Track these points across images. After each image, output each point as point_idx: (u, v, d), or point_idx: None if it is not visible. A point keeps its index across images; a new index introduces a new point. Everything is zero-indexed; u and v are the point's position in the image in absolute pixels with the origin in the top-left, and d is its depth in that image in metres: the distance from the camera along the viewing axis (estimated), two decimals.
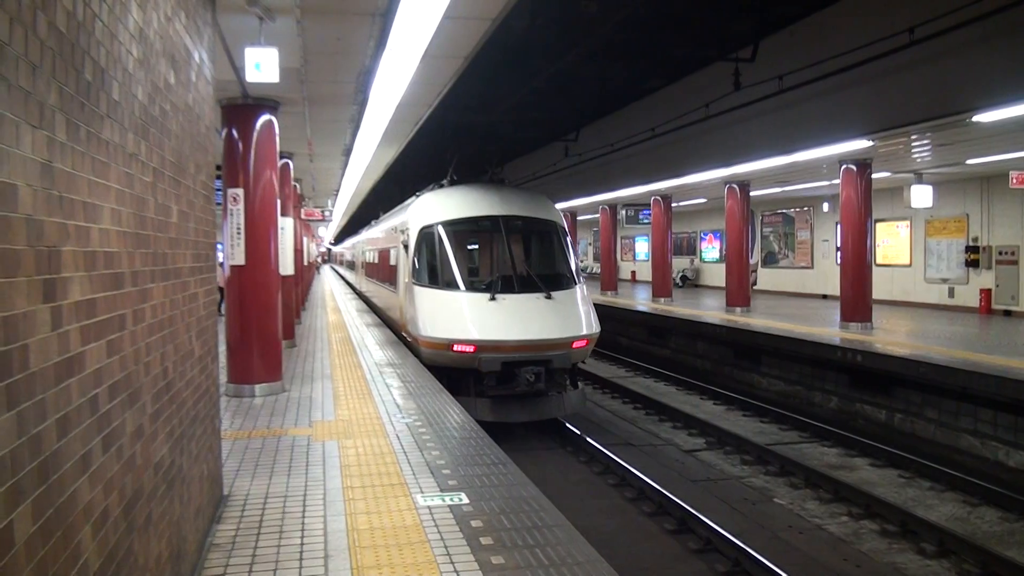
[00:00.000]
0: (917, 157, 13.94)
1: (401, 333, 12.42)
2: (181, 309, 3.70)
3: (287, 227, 11.50)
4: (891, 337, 13.11)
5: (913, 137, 11.71)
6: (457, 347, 9.92)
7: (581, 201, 23.99)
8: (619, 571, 3.93)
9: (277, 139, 8.79)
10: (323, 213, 22.35)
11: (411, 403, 8.13)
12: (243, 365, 8.56)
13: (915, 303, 19.05)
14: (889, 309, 18.15)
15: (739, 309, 18.24)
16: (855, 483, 8.77)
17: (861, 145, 12.13)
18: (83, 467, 2.18)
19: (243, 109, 8.49)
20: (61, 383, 2.05)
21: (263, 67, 5.97)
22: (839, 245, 15.69)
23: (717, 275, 26.82)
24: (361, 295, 26.59)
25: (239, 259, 8.41)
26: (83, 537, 2.15)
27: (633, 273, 34.65)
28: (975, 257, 17.44)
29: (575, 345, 10.11)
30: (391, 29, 5.98)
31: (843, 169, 14.47)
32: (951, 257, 18.23)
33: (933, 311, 17.87)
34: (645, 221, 23.97)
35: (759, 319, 16.41)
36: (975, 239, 17.59)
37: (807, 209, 23.27)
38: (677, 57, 15.10)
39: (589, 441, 10.12)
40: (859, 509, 8.13)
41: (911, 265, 19.35)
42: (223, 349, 8.57)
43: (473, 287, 10.45)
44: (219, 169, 8.30)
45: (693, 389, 14.62)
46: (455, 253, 10.80)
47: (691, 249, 30.34)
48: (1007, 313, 16.75)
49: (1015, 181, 13.97)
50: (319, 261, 70.39)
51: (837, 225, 21.08)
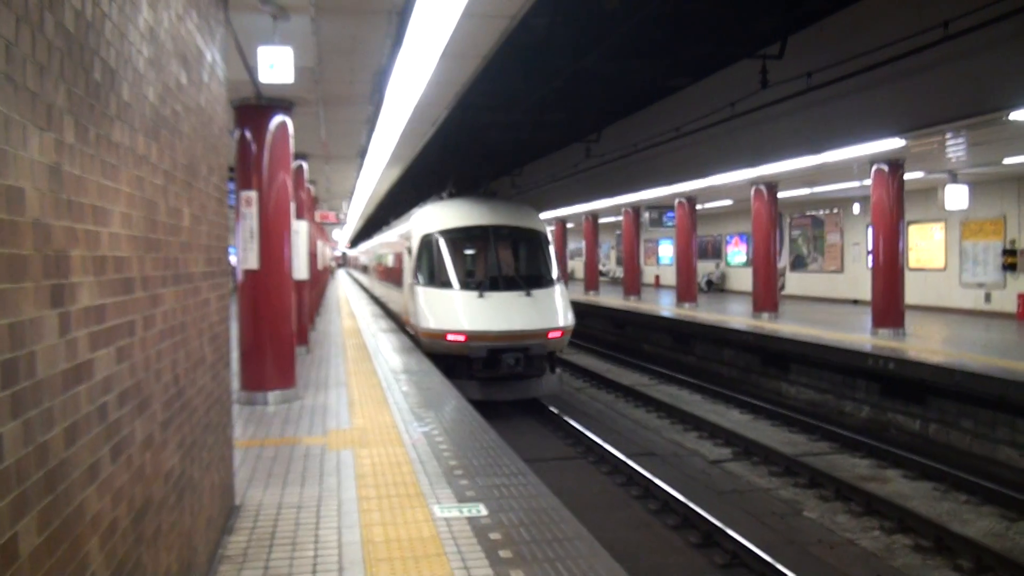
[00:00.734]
0: (952, 156, 13.77)
1: (406, 328, 14.86)
2: (193, 315, 3.71)
3: (301, 230, 11.55)
4: (925, 344, 12.95)
5: (947, 136, 11.57)
6: (450, 336, 12.05)
7: (603, 203, 23.94)
8: None
9: (291, 140, 8.83)
10: (338, 216, 22.42)
11: (428, 411, 8.13)
12: (256, 372, 8.60)
13: (950, 308, 18.81)
14: (922, 315, 17.95)
15: (766, 315, 18.11)
16: (888, 496, 8.65)
17: (893, 144, 12.00)
18: (91, 477, 2.18)
19: (256, 110, 8.54)
20: (69, 391, 2.05)
21: (277, 67, 6.00)
22: (870, 248, 15.55)
23: (744, 279, 26.65)
24: (374, 297, 27.06)
25: (252, 263, 8.45)
26: (90, 549, 2.15)
27: (657, 277, 34.51)
28: (1013, 260, 17.19)
29: (550, 335, 12.21)
30: (408, 27, 5.99)
31: (874, 169, 14.33)
32: (988, 260, 17.99)
33: (969, 317, 17.64)
34: (669, 224, 23.87)
35: (787, 325, 16.27)
36: (1012, 241, 17.34)
37: (837, 211, 23.07)
38: (702, 54, 15.02)
39: (611, 451, 10.09)
40: (892, 523, 8.02)
41: (945, 269, 19.11)
42: (236, 355, 8.61)
43: (465, 286, 12.56)
44: (232, 171, 8.35)
45: (719, 398, 14.52)
46: (450, 257, 12.97)
47: (716, 253, 30.18)
48: None
49: None
50: (334, 266, 70.72)
51: (868, 227, 20.90)
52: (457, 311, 12.21)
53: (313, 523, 4.74)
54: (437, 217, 13.60)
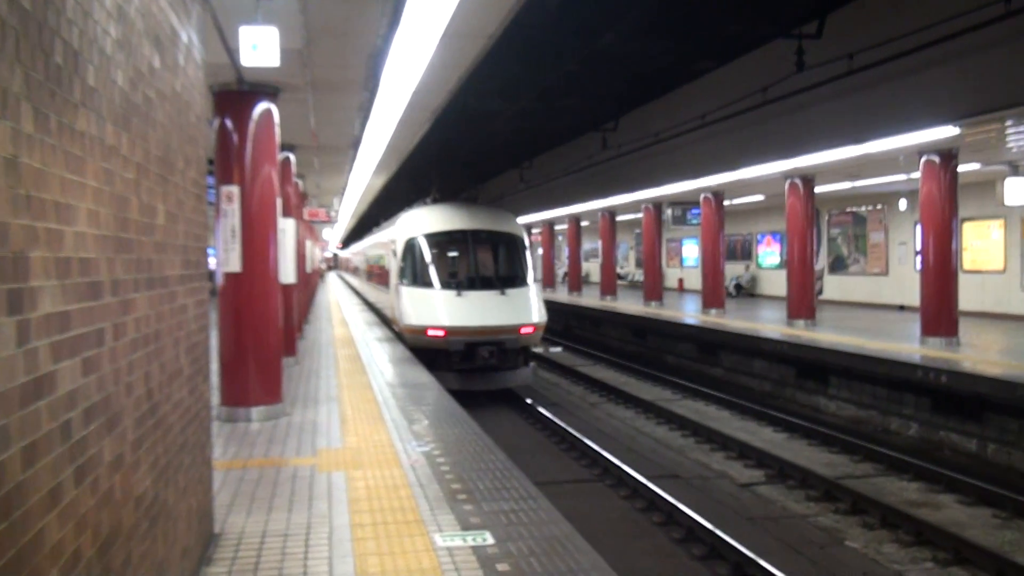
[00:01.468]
0: (1012, 146, 13.69)
1: (393, 326, 17.34)
2: (168, 322, 3.71)
3: (288, 229, 11.55)
4: (982, 354, 12.87)
5: (1008, 123, 11.50)
6: (430, 332, 14.37)
7: (621, 199, 23.93)
8: None
9: (277, 130, 8.84)
10: (328, 214, 22.48)
11: (428, 429, 8.12)
12: (238, 385, 8.61)
13: (1010, 315, 18.69)
14: (979, 321, 17.85)
15: (802, 322, 18.05)
16: (941, 523, 8.59)
17: (945, 133, 11.95)
18: (52, 502, 2.17)
19: (238, 96, 8.55)
20: (28, 407, 2.04)
21: (260, 48, 6.00)
22: (919, 248, 15.46)
23: (777, 283, 26.57)
24: (368, 303, 27.73)
25: (234, 265, 8.46)
26: None
27: (680, 281, 34.47)
28: None
29: (522, 331, 14.54)
30: (405, 4, 5.99)
31: (924, 161, 14.27)
32: None
33: None
34: (694, 222, 23.82)
35: (826, 334, 16.20)
36: None
37: (881, 207, 22.99)
38: (731, 34, 14.99)
39: (630, 473, 10.06)
40: (946, 554, 7.96)
41: (1005, 271, 19.00)
42: (216, 367, 8.62)
43: (445, 285, 14.93)
44: (211, 164, 8.37)
45: (749, 414, 14.47)
46: (432, 259, 15.35)
47: (747, 253, 30.11)
48: None
49: None
50: (324, 268, 70.85)
51: (916, 225, 20.77)
52: (437, 308, 14.57)
53: (301, 553, 4.73)
54: (420, 221, 16.05)
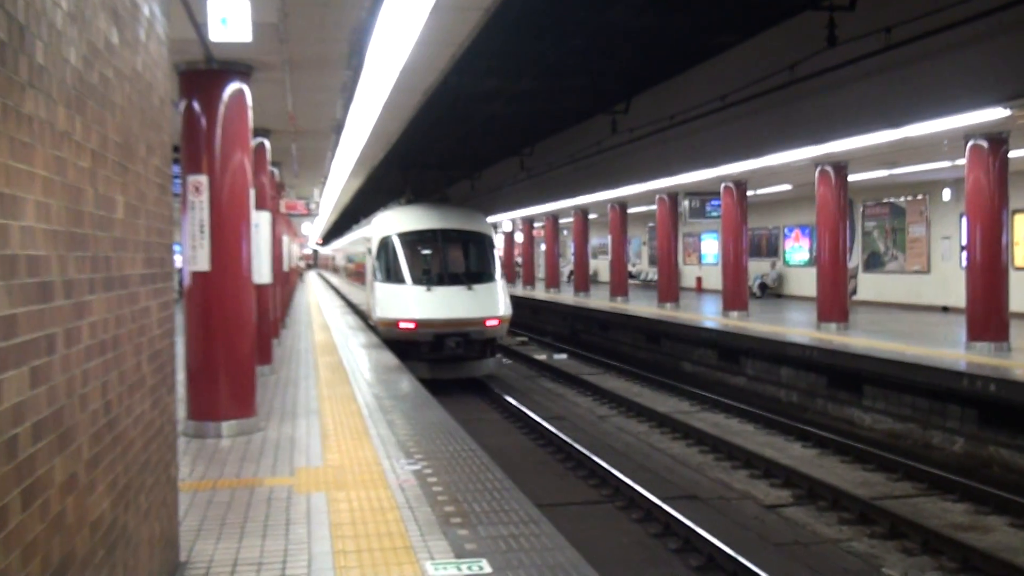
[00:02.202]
0: None
1: (368, 320, 20.19)
2: (128, 327, 3.70)
3: (263, 223, 11.55)
4: None
5: None
6: (402, 324, 16.85)
7: (632, 189, 23.93)
8: None
9: (250, 113, 8.84)
10: (308, 206, 22.50)
11: (419, 444, 8.11)
12: (207, 397, 8.60)
13: None
14: None
15: (834, 325, 18.04)
16: (990, 549, 8.58)
17: (994, 115, 11.94)
18: None
19: (207, 76, 8.55)
20: None
21: (231, 22, 6.00)
22: (964, 243, 15.47)
23: (805, 282, 26.58)
24: (351, 305, 28.20)
25: (202, 264, 8.46)
26: None
27: (698, 280, 34.49)
28: None
29: (487, 323, 17.01)
30: None
31: (970, 146, 14.26)
32: None
33: None
34: (714, 214, 23.82)
35: (860, 338, 16.18)
36: None
37: (922, 197, 22.99)
38: (754, 5, 14.99)
39: (643, 493, 10.06)
40: None
41: None
42: (182, 377, 8.61)
43: (416, 281, 17.47)
44: (177, 152, 8.36)
45: (775, 427, 14.46)
46: (404, 256, 17.90)
47: (772, 250, 30.12)
48: None
49: None
50: (303, 266, 70.90)
51: (962, 217, 20.81)
52: (408, 302, 17.08)
53: None
54: (394, 221, 18.78)
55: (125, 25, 3.74)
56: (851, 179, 18.90)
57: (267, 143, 13.14)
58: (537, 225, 40.15)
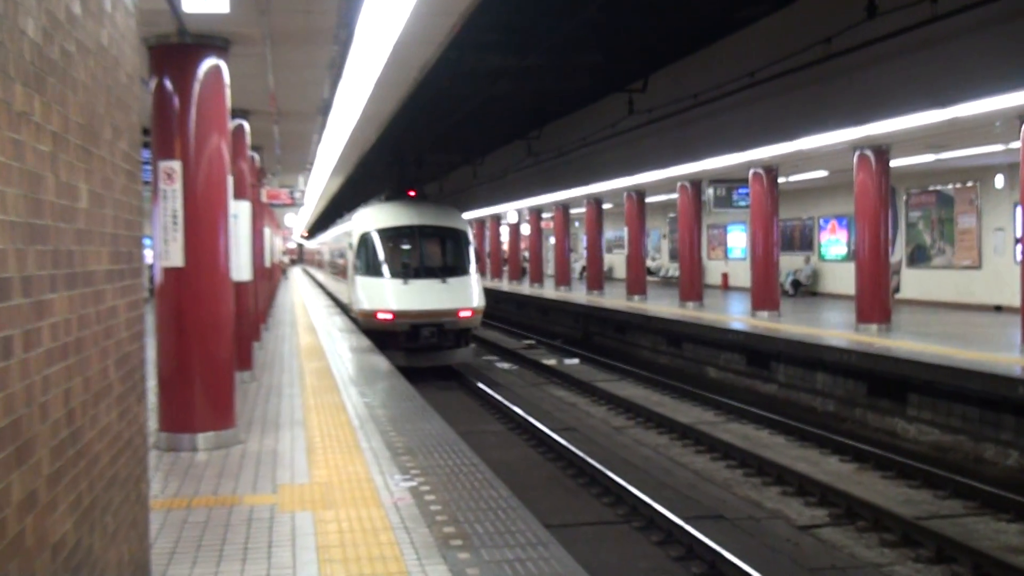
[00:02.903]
0: None
1: (349, 312, 23.11)
2: (93, 328, 3.70)
3: (242, 214, 11.55)
4: None
5: None
6: (380, 315, 19.71)
7: (651, 176, 23.91)
8: None
9: (227, 92, 8.84)
10: (292, 195, 22.54)
11: (415, 459, 8.11)
12: (181, 406, 8.60)
13: None
14: None
15: (875, 327, 18.02)
16: None
17: None
18: None
19: (180, 51, 8.55)
20: None
21: None
22: (1019, 235, 15.43)
23: (843, 278, 26.53)
24: (343, 308, 28.44)
25: (176, 259, 8.46)
26: None
27: (724, 276, 34.45)
28: None
29: (460, 314, 19.82)
30: None
31: None
32: None
33: None
34: (741, 203, 23.77)
35: (904, 341, 16.15)
36: None
37: (973, 185, 22.93)
38: None
39: (664, 513, 10.05)
40: None
41: None
42: (153, 384, 8.62)
43: (393, 274, 20.50)
44: (147, 135, 8.36)
45: (810, 439, 14.44)
46: (383, 251, 20.93)
47: (806, 243, 30.06)
48: None
49: None
50: (287, 261, 70.99)
51: (1016, 207, 20.77)
52: (386, 295, 20.02)
53: None
54: (374, 217, 21.90)
55: None
56: (893, 165, 18.86)
57: (246, 125, 13.15)
58: (545, 216, 40.11)
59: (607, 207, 33.81)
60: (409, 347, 19.56)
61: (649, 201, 30.43)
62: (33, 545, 2.80)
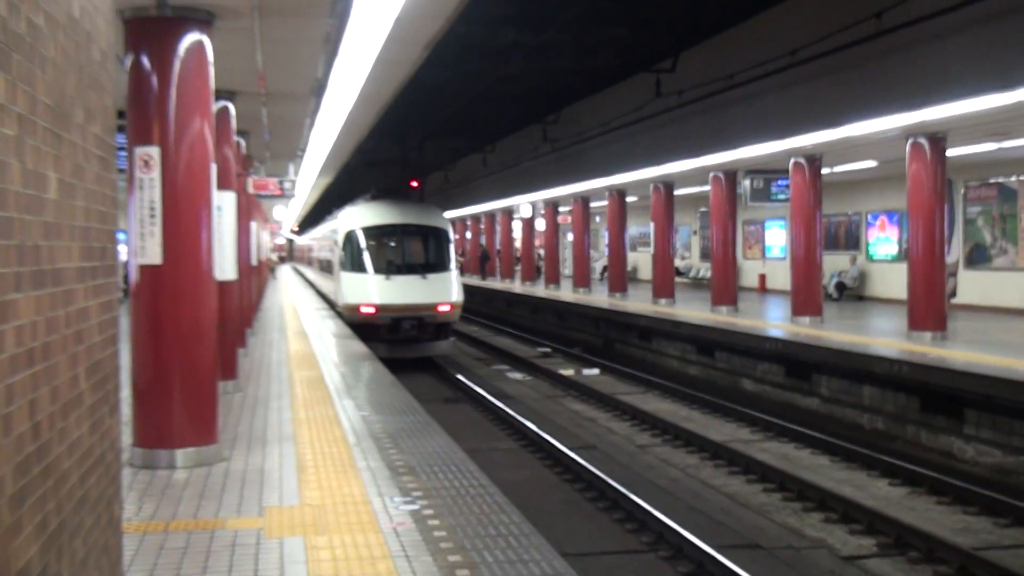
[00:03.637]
0: None
1: (335, 307, 26.89)
2: (62, 332, 3.70)
3: (226, 206, 11.58)
4: None
5: None
6: (363, 309, 22.95)
7: (680, 166, 23.89)
8: None
9: (211, 71, 8.84)
10: (282, 185, 22.54)
11: (417, 479, 8.11)
12: (158, 420, 8.61)
13: None
14: None
15: (929, 335, 17.97)
16: None
17: None
18: None
19: (158, 25, 8.55)
20: None
21: None
22: None
23: (893, 281, 26.45)
24: (338, 312, 28.87)
25: (153, 256, 8.47)
26: None
27: (762, 277, 34.37)
28: None
29: (439, 309, 23.03)
30: None
31: None
32: None
33: None
34: (781, 197, 23.75)
35: (961, 351, 16.10)
36: None
37: None
38: None
39: (694, 541, 10.03)
40: None
41: None
42: (127, 394, 8.63)
43: (376, 270, 23.75)
44: (123, 118, 8.37)
45: (856, 460, 14.42)
46: (367, 248, 24.20)
47: (852, 241, 30.00)
48: None
49: None
50: (276, 259, 71.16)
51: None
52: (369, 289, 23.28)
53: None
54: (359, 216, 25.39)
55: None
56: (950, 154, 18.81)
57: (232, 108, 13.17)
58: (563, 210, 40.08)
59: (631, 200, 33.77)
60: (390, 339, 22.83)
61: (678, 194, 30.39)
62: None
